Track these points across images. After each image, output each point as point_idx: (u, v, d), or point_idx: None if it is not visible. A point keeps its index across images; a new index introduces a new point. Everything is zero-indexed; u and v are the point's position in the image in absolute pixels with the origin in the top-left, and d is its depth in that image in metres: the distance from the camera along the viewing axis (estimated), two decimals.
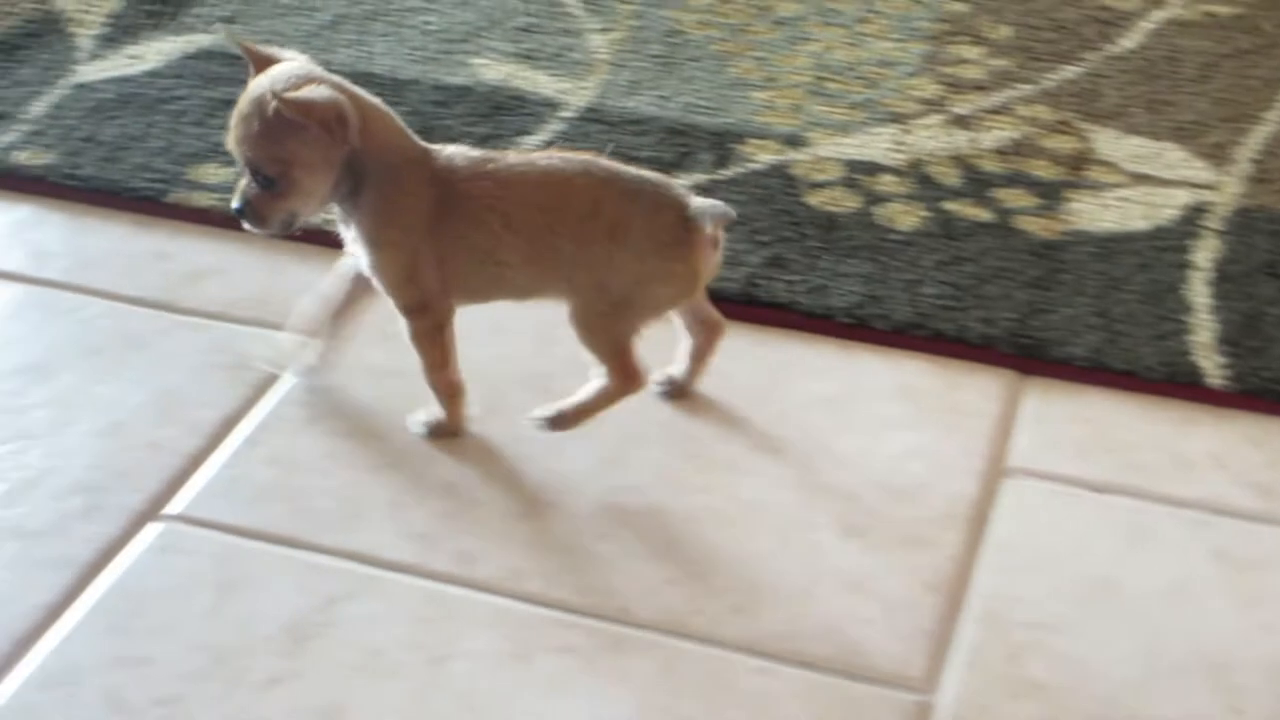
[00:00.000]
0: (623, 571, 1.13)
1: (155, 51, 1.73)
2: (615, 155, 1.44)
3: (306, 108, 1.13)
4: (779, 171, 1.53)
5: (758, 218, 1.46)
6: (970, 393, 1.29)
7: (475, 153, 1.21)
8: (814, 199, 1.49)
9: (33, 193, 1.54)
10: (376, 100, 1.20)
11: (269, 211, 1.18)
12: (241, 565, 1.14)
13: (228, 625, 1.09)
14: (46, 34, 1.77)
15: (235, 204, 1.19)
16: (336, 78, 1.17)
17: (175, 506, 1.19)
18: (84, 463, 1.22)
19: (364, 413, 1.25)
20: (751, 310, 1.37)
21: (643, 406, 1.25)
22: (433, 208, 1.19)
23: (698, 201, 1.18)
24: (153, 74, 1.69)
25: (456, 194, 1.18)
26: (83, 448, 1.24)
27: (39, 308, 1.38)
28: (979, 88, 1.66)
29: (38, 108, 1.64)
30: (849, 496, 1.20)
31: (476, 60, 1.70)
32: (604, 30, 1.75)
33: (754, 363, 1.31)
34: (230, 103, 1.57)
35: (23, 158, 1.56)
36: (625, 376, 1.21)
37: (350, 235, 1.21)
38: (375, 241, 1.20)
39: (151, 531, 1.17)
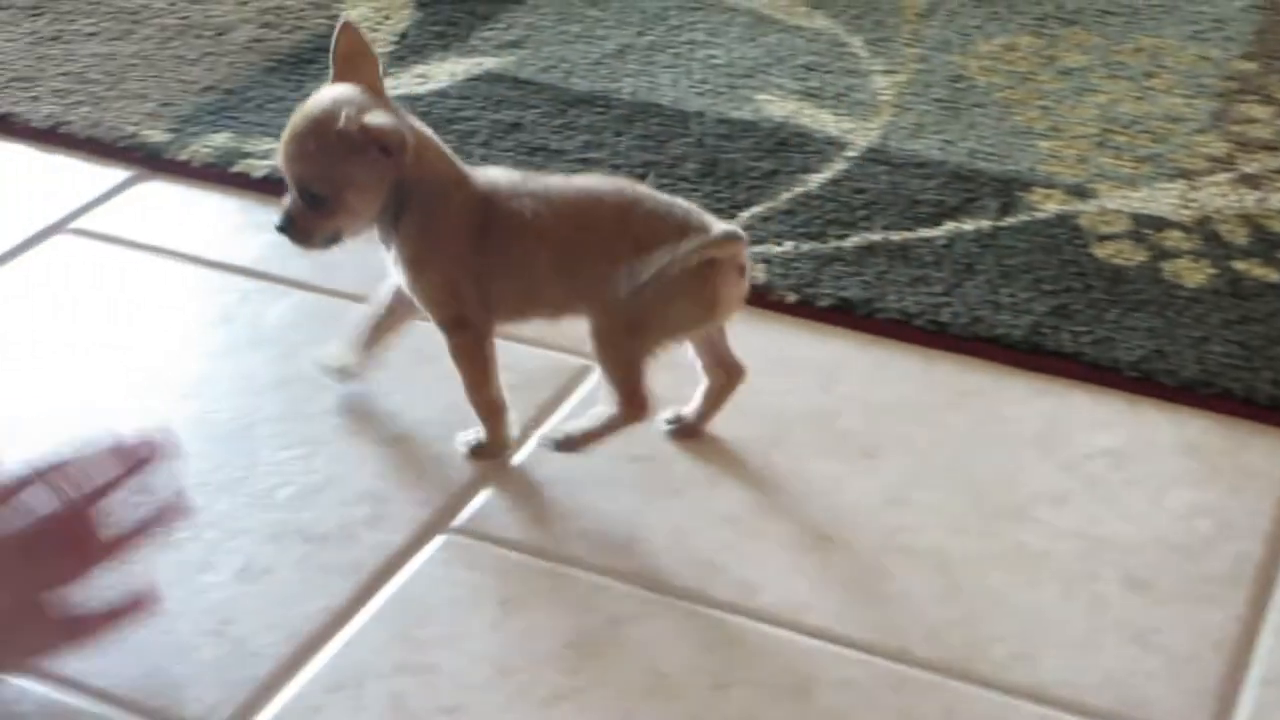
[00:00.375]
0: (904, 611, 1.13)
1: (443, 72, 1.76)
2: (898, 196, 1.44)
3: (381, 134, 1.15)
4: (1064, 221, 1.52)
5: (1043, 267, 1.45)
6: (1258, 454, 1.27)
7: (516, 174, 1.24)
8: (1100, 251, 1.48)
9: None
10: (423, 125, 1.22)
11: (314, 229, 1.21)
12: (525, 581, 1.15)
13: (511, 639, 1.10)
14: None
15: (278, 221, 1.21)
16: (391, 100, 1.20)
17: (460, 520, 1.20)
18: (371, 471, 1.24)
19: (646, 439, 1.26)
20: (1035, 358, 1.36)
21: (926, 450, 1.25)
22: (474, 227, 1.21)
23: (721, 226, 1.19)
24: (440, 93, 1.72)
25: (498, 212, 1.21)
26: (369, 457, 1.25)
27: (326, 318, 1.41)
28: (1268, 147, 1.64)
29: None
30: (1133, 549, 1.18)
31: (761, 96, 1.71)
32: (888, 72, 1.75)
33: (1037, 411, 1.30)
34: (516, 125, 1.60)
35: None
36: (633, 404, 1.22)
37: (391, 256, 1.23)
38: (416, 261, 1.22)
39: (437, 543, 1.18)
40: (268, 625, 1.11)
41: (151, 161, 1.63)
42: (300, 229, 1.22)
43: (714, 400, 1.28)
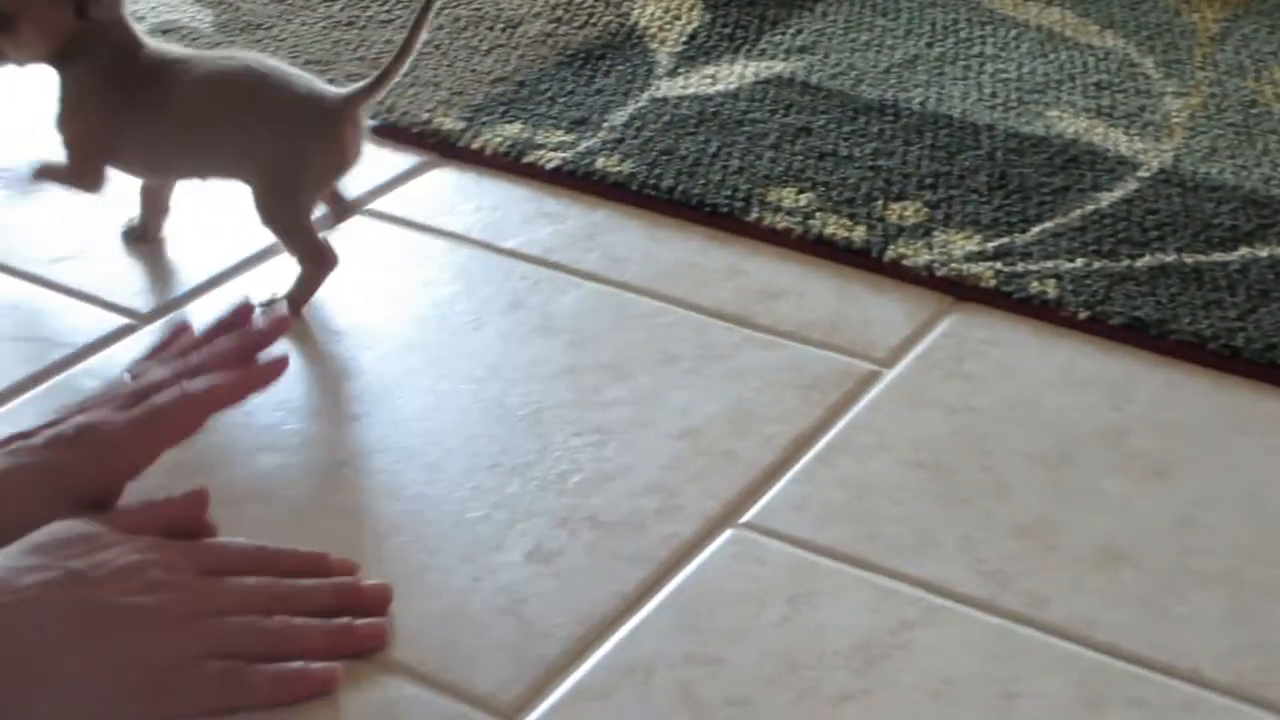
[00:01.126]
0: (1195, 632, 1.12)
1: (732, 73, 1.77)
2: (1191, 218, 1.43)
3: None
4: None
5: None
6: None
7: (189, 50, 1.44)
8: None
9: (610, 198, 1.58)
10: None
11: None
12: (813, 580, 1.15)
13: (799, 637, 1.11)
14: (626, 46, 1.82)
15: None
16: None
17: (749, 516, 1.20)
18: (660, 463, 1.25)
19: (936, 445, 1.26)
20: None
21: (1217, 473, 1.24)
22: (127, 89, 1.38)
23: (337, 92, 1.36)
24: (729, 95, 1.73)
25: (153, 80, 1.38)
26: (659, 449, 1.26)
27: (615, 310, 1.42)
28: None
29: (617, 117, 1.68)
30: None
31: (1052, 112, 1.70)
32: (1180, 94, 1.73)
33: None
34: (805, 130, 1.60)
35: (602, 163, 1.60)
36: (316, 258, 1.38)
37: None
38: (67, 106, 1.40)
39: (725, 538, 1.19)
40: (558, 608, 1.13)
41: (444, 148, 1.65)
42: None
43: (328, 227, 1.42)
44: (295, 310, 1.38)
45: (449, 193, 1.59)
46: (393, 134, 1.67)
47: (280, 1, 1.91)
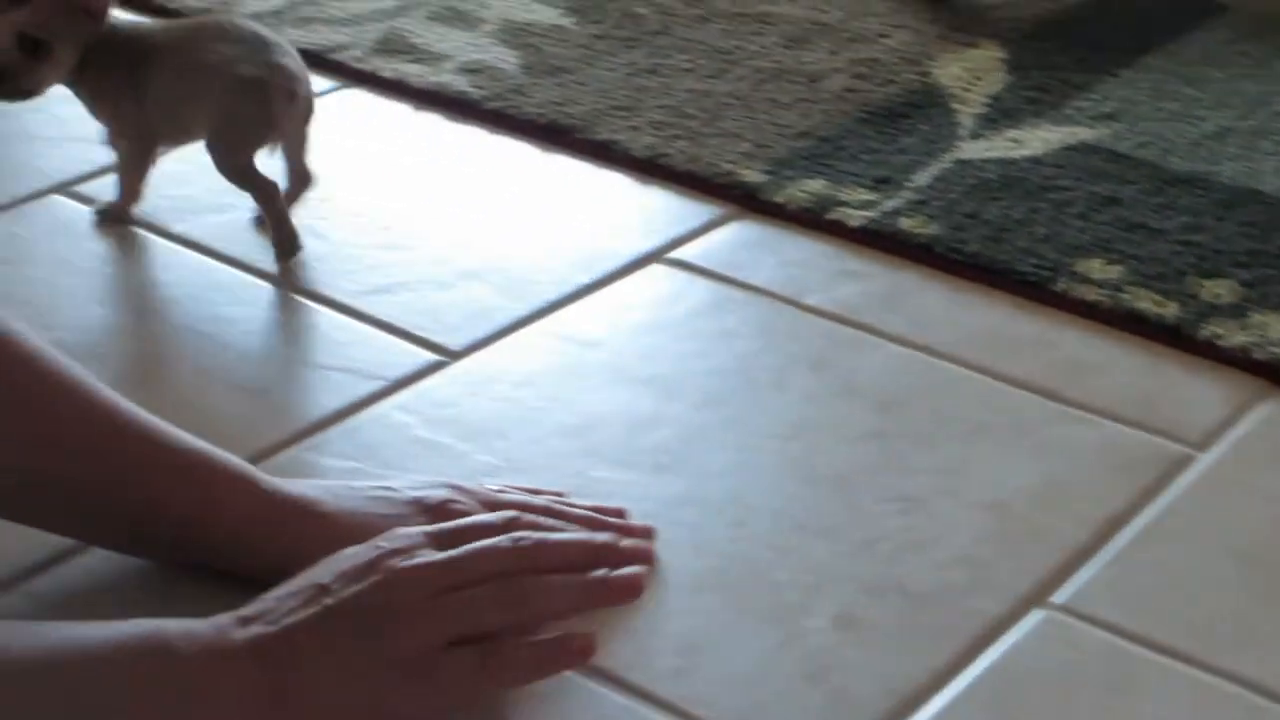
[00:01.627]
0: None
1: (1036, 138, 1.75)
2: None
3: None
4: None
5: None
6: None
7: (162, 22, 1.58)
8: None
9: (913, 260, 1.57)
10: None
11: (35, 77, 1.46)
12: (1129, 669, 1.13)
13: None
14: (928, 106, 1.81)
15: None
16: None
17: (1060, 597, 1.19)
18: (969, 536, 1.24)
19: (1256, 536, 1.23)
20: None
21: None
22: (127, 66, 1.49)
23: (274, 58, 1.47)
24: (1034, 160, 1.71)
25: (142, 53, 1.49)
26: (967, 521, 1.25)
27: (921, 375, 1.41)
28: None
29: (921, 178, 1.67)
30: None
31: None
32: None
33: None
34: (1114, 200, 1.58)
35: (906, 224, 1.59)
36: (259, 191, 1.50)
37: (83, 100, 1.54)
38: (99, 97, 1.53)
39: (1035, 618, 1.17)
40: (867, 677, 1.12)
41: (746, 200, 1.65)
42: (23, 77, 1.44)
43: (289, 200, 1.54)
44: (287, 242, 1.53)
45: (751, 245, 1.59)
46: (694, 183, 1.67)
47: (585, 47, 1.92)
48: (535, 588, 1.07)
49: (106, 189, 1.63)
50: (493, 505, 1.17)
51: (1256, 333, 1.44)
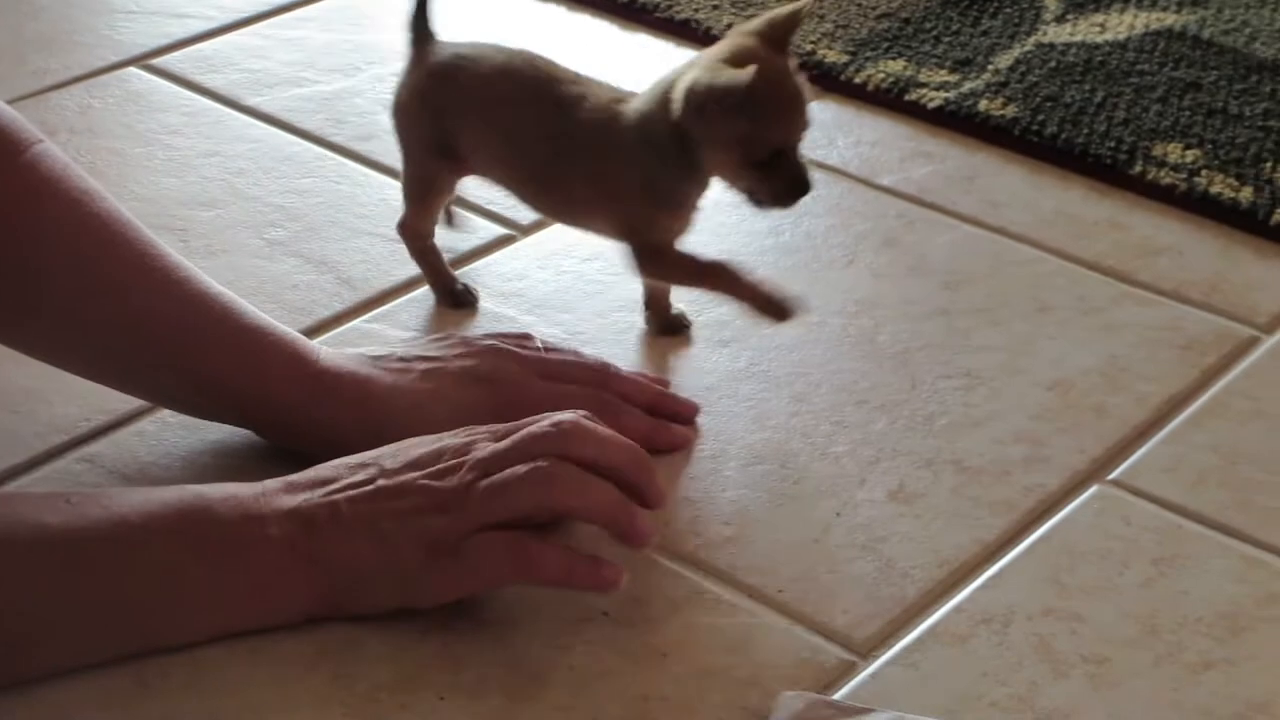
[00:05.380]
0: None
1: (1121, 23, 1.73)
2: None
3: None
4: None
5: None
6: None
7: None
8: None
9: (991, 142, 1.57)
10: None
11: None
12: (1180, 544, 1.13)
13: (1162, 600, 1.09)
14: None
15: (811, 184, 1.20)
16: None
17: (1117, 473, 1.19)
18: (1028, 413, 1.24)
19: None
20: None
21: None
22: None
23: None
24: (1117, 45, 1.70)
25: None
26: (1028, 398, 1.25)
27: (991, 255, 1.41)
28: None
29: (1002, 60, 1.66)
30: None
31: None
32: None
33: None
34: (1195, 85, 1.57)
35: (985, 106, 1.59)
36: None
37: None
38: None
39: (1091, 493, 1.17)
40: (918, 549, 1.12)
41: (826, 80, 1.65)
42: None
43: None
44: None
45: (829, 125, 1.59)
46: None
47: None
48: (569, 474, 1.03)
49: (180, 62, 1.64)
50: (541, 366, 1.18)
51: None
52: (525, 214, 1.41)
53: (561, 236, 1.40)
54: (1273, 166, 1.50)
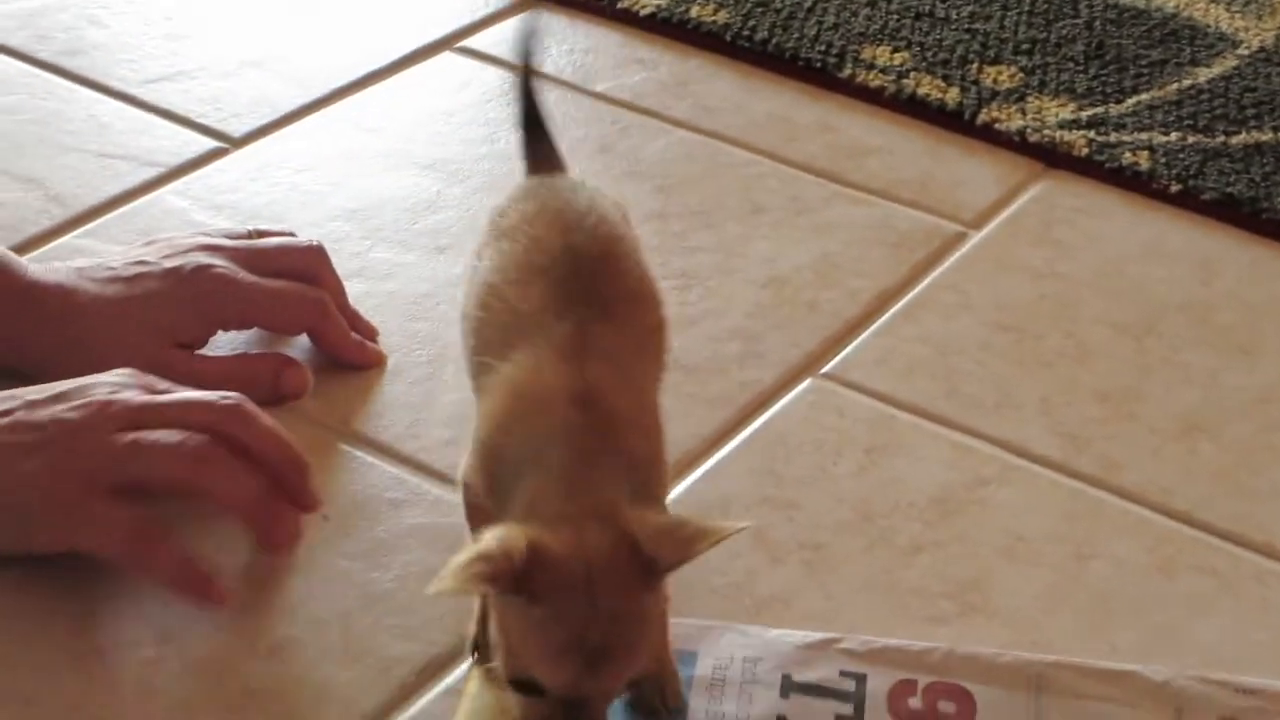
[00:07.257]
0: (1272, 508, 1.12)
1: None
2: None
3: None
4: None
5: None
6: None
7: None
8: None
9: (703, 47, 1.58)
10: None
11: None
12: (891, 433, 1.15)
13: (874, 487, 1.11)
14: None
15: None
16: None
17: (829, 367, 1.21)
18: (744, 310, 1.25)
19: (1020, 308, 1.26)
20: None
21: None
22: None
23: None
24: None
25: None
26: (743, 296, 1.27)
27: (704, 158, 1.42)
28: None
29: None
30: None
31: None
32: None
33: None
34: None
35: (697, 12, 1.60)
36: None
37: None
38: None
39: (805, 386, 1.19)
40: None
41: None
42: None
43: None
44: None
45: (542, 34, 1.58)
46: None
47: None
48: (220, 459, 0.98)
49: None
50: (249, 258, 1.16)
51: (1033, 117, 1.46)
52: (236, 125, 1.40)
53: (274, 148, 1.39)
54: (979, 68, 1.52)
